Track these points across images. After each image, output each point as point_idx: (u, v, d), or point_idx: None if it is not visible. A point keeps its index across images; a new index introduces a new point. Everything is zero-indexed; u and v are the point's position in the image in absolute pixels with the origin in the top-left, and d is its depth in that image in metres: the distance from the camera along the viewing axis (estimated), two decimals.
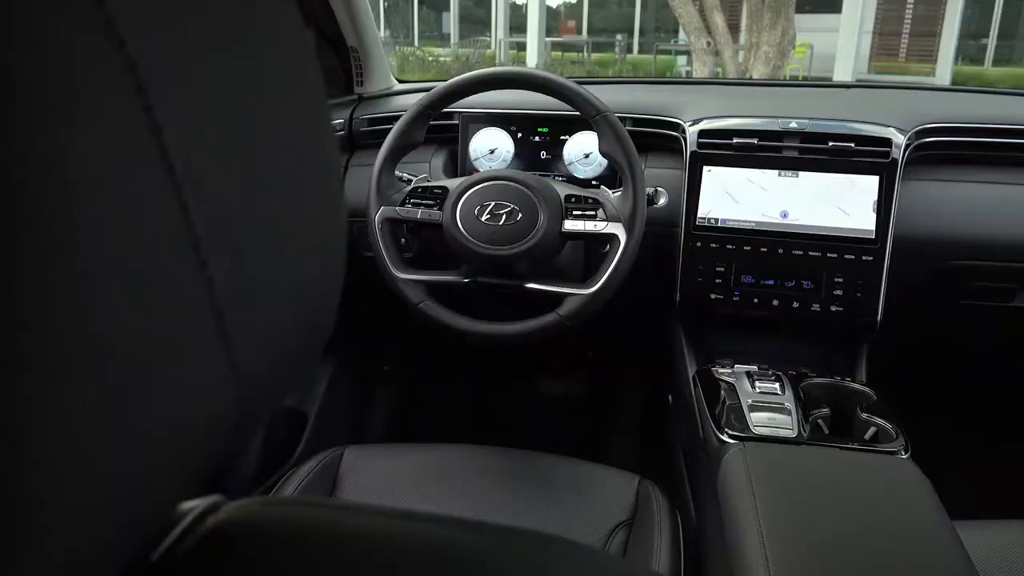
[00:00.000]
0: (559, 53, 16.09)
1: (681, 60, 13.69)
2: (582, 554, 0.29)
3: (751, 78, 6.72)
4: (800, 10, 12.50)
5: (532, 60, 14.48)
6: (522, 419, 1.89)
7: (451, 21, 18.53)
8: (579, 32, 17.26)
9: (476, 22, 18.74)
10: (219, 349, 0.20)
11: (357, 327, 1.69)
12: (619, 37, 15.34)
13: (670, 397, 1.38)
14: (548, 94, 1.14)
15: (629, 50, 15.94)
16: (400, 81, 1.64)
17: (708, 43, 7.52)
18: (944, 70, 12.40)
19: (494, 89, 1.19)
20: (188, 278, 0.19)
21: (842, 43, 11.36)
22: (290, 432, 1.48)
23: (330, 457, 1.14)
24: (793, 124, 1.24)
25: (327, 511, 0.27)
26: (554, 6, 18.21)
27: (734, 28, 9.24)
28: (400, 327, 1.71)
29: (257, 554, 0.24)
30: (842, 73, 11.21)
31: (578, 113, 1.13)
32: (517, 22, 16.19)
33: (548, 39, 15.41)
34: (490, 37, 17.25)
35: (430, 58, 14.61)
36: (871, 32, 12.82)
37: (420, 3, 19.48)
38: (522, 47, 15.24)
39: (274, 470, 1.23)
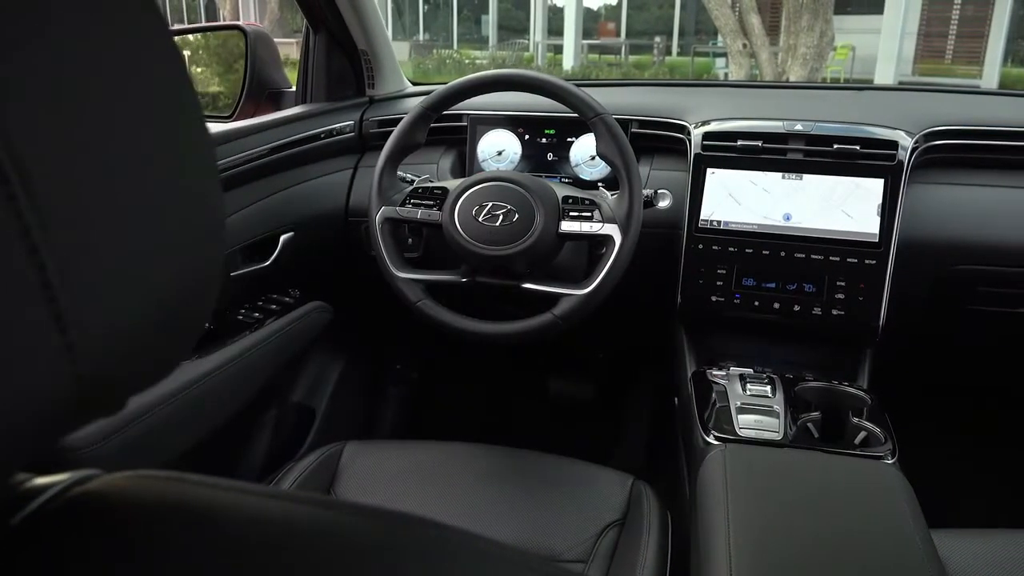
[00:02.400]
0: (596, 55, 16.06)
1: (720, 62, 13.57)
2: (465, 542, 0.30)
3: (787, 80, 6.64)
4: (843, 11, 12.33)
5: (568, 62, 14.48)
6: (531, 420, 1.90)
7: (490, 24, 18.61)
8: (618, 34, 17.20)
9: (516, 25, 18.78)
10: (52, 330, 0.21)
11: (368, 325, 1.72)
12: (657, 39, 15.27)
13: (676, 400, 1.38)
14: (546, 96, 1.15)
15: (668, 52, 15.84)
16: (413, 83, 1.67)
17: (744, 45, 7.45)
18: (992, 72, 12.09)
19: (493, 91, 1.20)
20: (17, 263, 0.20)
21: (884, 45, 11.15)
22: (298, 427, 1.51)
23: (330, 452, 1.16)
24: (798, 126, 1.23)
25: (195, 487, 0.28)
26: (595, 8, 18.19)
27: (775, 30, 9.13)
28: (411, 326, 1.73)
29: (102, 525, 0.26)
30: (884, 75, 11.00)
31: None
32: (557, 25, 16.19)
33: (585, 41, 15.39)
34: (528, 40, 17.28)
35: (467, 61, 14.69)
36: (915, 33, 12.56)
37: (460, 7, 19.60)
38: (559, 50, 15.26)
39: (280, 464, 1.25)
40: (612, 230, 1.10)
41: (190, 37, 1.81)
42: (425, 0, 19.81)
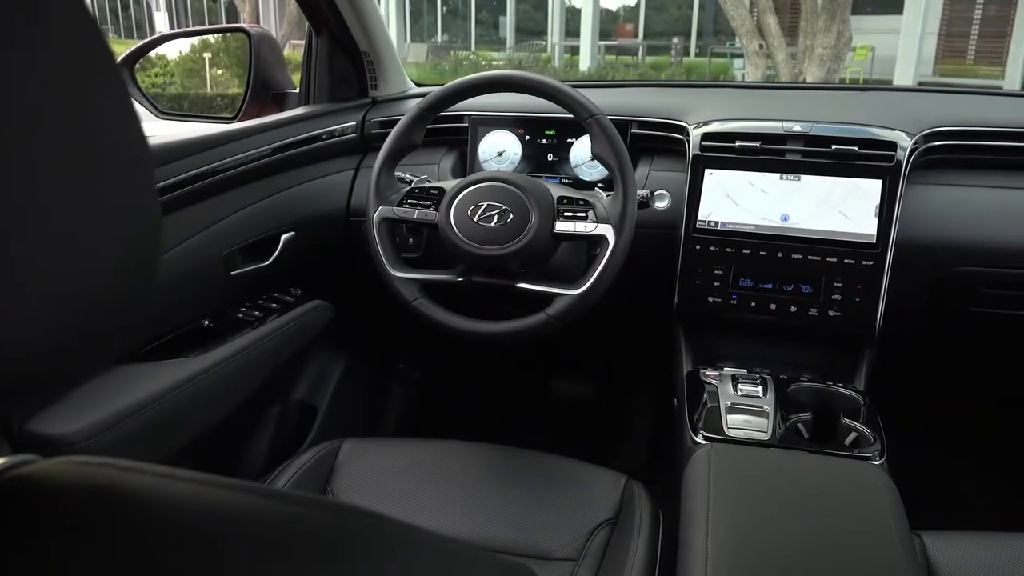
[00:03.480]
0: (613, 56, 16.03)
1: (738, 63, 13.50)
2: (399, 531, 0.30)
3: (804, 81, 6.60)
4: (862, 11, 12.19)
5: (585, 64, 14.46)
6: (534, 420, 1.91)
7: (508, 26, 18.64)
8: (636, 35, 17.16)
9: (534, 27, 18.78)
10: None
11: (371, 324, 1.73)
12: (675, 40, 15.21)
13: (675, 400, 1.39)
14: (542, 97, 1.16)
15: (686, 53, 15.77)
16: (418, 84, 1.68)
17: (761, 46, 7.41)
18: (1014, 73, 11.91)
19: (489, 92, 1.21)
20: None
21: (903, 45, 11.02)
22: (300, 425, 1.52)
23: (327, 449, 1.17)
24: (797, 127, 1.23)
25: (125, 473, 0.29)
26: (613, 9, 18.18)
27: (795, 30, 9.08)
28: (415, 325, 1.75)
29: (31, 508, 0.26)
30: (903, 76, 10.88)
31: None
32: (575, 26, 16.17)
33: (602, 43, 15.37)
34: (546, 41, 17.29)
35: (483, 62, 14.73)
36: (937, 34, 12.41)
37: (478, 9, 19.64)
38: (576, 51, 15.24)
39: (281, 462, 1.27)
40: (606, 230, 1.10)
41: (211, 40, 1.83)
42: (444, 2, 19.87)
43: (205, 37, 1.87)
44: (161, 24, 20.32)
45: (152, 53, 1.62)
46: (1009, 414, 1.52)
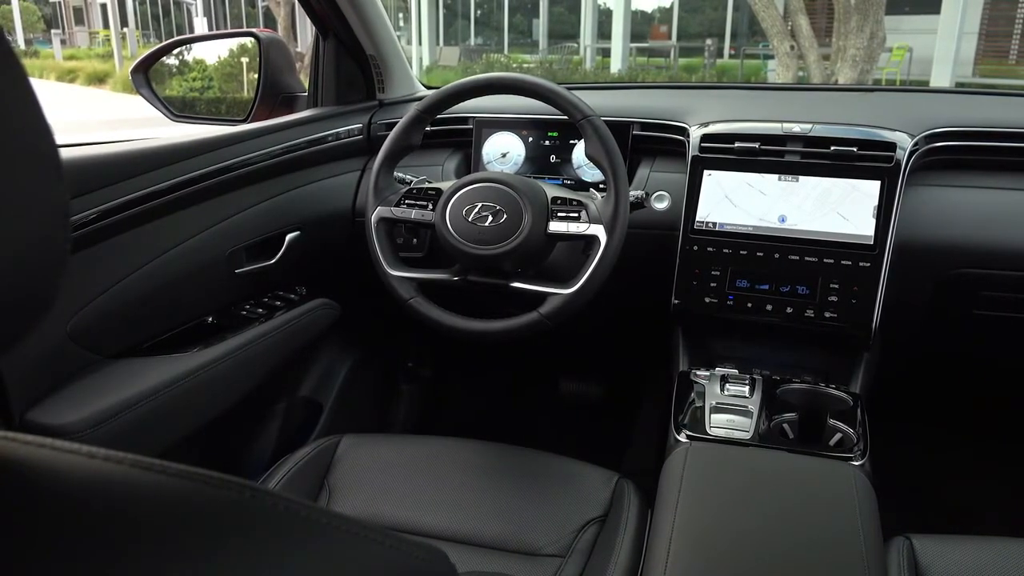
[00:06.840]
0: (644, 58, 15.95)
1: (771, 64, 13.35)
2: (278, 502, 0.31)
3: (835, 83, 6.52)
4: (899, 11, 11.96)
5: (616, 66, 14.40)
6: (541, 419, 1.92)
7: (540, 29, 18.66)
8: (670, 37, 17.05)
9: (567, 30, 18.76)
10: None
11: (378, 323, 1.75)
12: (708, 42, 15.07)
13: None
14: (536, 98, 1.17)
15: (720, 55, 15.62)
16: (426, 87, 1.70)
17: (792, 47, 7.33)
18: None
19: (485, 94, 1.23)
20: None
21: (940, 45, 10.78)
22: (305, 422, 1.55)
23: (327, 444, 1.19)
24: (796, 128, 1.23)
25: (20, 445, 0.30)
26: (648, 11, 18.11)
27: (831, 33, 8.96)
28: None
29: None
30: (940, 77, 10.66)
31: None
32: (608, 29, 16.13)
33: (634, 44, 15.31)
34: (579, 44, 17.26)
35: (515, 64, 14.75)
36: (976, 33, 12.13)
37: (512, 12, 19.68)
38: (609, 53, 15.19)
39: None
40: (598, 230, 1.11)
41: (248, 44, 1.87)
42: (477, 6, 19.95)
43: (243, 42, 1.91)
44: (200, 29, 20.72)
45: (189, 58, 1.67)
46: (1012, 418, 1.49)
